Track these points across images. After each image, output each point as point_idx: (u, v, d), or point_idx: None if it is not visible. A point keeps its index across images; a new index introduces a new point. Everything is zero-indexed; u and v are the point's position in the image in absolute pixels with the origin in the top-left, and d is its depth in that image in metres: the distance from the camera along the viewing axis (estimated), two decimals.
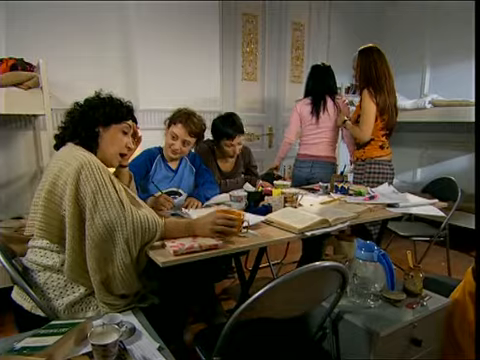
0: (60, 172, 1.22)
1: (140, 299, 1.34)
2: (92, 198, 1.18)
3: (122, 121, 1.42)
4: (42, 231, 1.24)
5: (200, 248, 1.24)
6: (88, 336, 0.93)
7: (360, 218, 1.68)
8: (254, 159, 2.55)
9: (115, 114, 1.40)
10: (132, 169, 2.00)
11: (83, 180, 1.19)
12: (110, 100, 1.43)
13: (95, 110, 1.37)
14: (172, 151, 2.02)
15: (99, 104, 1.39)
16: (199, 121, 2.05)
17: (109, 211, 1.19)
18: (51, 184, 1.23)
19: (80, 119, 1.37)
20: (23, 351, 0.97)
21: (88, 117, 1.36)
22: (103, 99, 1.43)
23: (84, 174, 1.19)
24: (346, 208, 1.80)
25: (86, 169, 1.20)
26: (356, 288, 1.33)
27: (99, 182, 1.20)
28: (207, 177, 2.15)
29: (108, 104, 1.40)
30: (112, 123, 1.40)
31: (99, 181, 1.20)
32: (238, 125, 2.29)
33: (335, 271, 1.10)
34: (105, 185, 1.20)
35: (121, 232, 1.19)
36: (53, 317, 1.23)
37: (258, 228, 1.54)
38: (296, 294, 1.08)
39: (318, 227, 1.52)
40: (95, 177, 1.20)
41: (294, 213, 1.65)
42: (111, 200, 1.19)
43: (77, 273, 1.23)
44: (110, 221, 1.18)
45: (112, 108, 1.40)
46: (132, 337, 1.10)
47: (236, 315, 0.99)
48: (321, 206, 1.84)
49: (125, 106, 1.46)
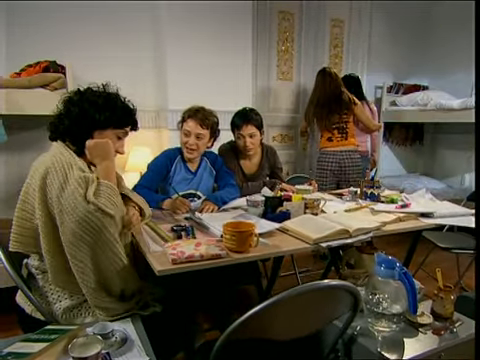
0: (31, 179, 1.19)
1: (142, 306, 1.28)
2: (57, 201, 1.12)
3: (122, 127, 1.34)
4: (17, 243, 1.21)
5: (201, 257, 1.16)
6: (69, 347, 0.89)
7: (386, 229, 1.52)
8: (280, 161, 2.44)
9: (117, 119, 1.31)
10: (152, 169, 1.99)
11: (49, 185, 1.14)
12: (115, 101, 1.31)
13: (97, 111, 1.26)
14: (188, 149, 1.96)
15: (103, 105, 1.28)
16: (209, 113, 1.98)
17: (76, 209, 1.10)
18: (24, 193, 1.19)
19: (78, 118, 1.26)
20: (8, 357, 0.94)
21: (88, 118, 1.26)
22: (109, 99, 1.31)
23: (49, 179, 1.14)
24: (373, 217, 1.65)
25: (51, 173, 1.15)
26: (374, 308, 1.19)
27: (62, 182, 1.13)
28: (227, 180, 2.08)
29: (113, 107, 1.29)
30: (110, 127, 1.31)
31: (62, 181, 1.13)
32: (247, 115, 2.18)
33: (344, 291, 0.98)
34: (68, 183, 1.13)
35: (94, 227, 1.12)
36: (52, 321, 1.21)
37: (271, 236, 1.44)
38: (299, 314, 0.98)
39: (336, 238, 1.39)
40: (58, 179, 1.14)
41: (313, 221, 1.54)
42: (75, 197, 1.11)
43: (62, 281, 1.20)
44: (80, 219, 1.10)
45: (115, 112, 1.29)
46: (123, 348, 1.05)
47: (227, 334, 0.91)
48: (345, 214, 1.70)
49: (128, 111, 1.36)
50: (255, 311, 0.88)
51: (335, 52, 4.12)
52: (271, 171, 2.41)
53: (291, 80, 3.90)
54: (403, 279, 1.12)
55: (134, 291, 1.28)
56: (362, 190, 2.01)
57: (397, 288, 1.16)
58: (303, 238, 1.39)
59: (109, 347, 1.03)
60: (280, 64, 3.82)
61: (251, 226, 1.28)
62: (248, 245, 1.24)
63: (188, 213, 1.70)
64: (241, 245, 1.24)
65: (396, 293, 1.17)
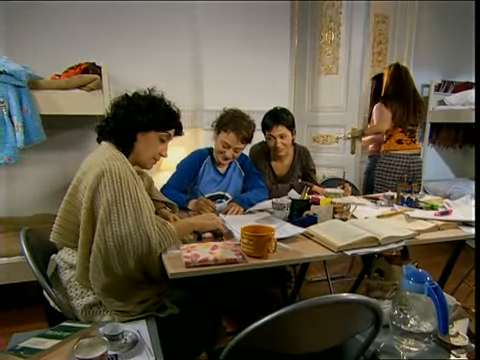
0: (83, 176, 1.22)
1: (159, 308, 1.27)
2: (106, 208, 1.15)
3: (164, 130, 1.37)
4: (57, 234, 1.24)
5: (215, 262, 1.13)
6: (74, 348, 0.89)
7: (421, 238, 1.41)
8: (313, 162, 2.35)
9: (159, 122, 1.34)
10: (181, 170, 1.99)
11: (101, 188, 1.16)
12: (158, 104, 1.35)
13: (140, 114, 1.31)
14: (223, 158, 1.95)
15: (146, 107, 1.32)
16: (249, 123, 1.94)
17: (121, 225, 1.15)
18: (74, 188, 1.23)
19: (123, 120, 1.32)
20: (20, 352, 0.96)
21: (131, 120, 1.31)
22: (153, 102, 1.35)
23: (103, 182, 1.16)
24: (407, 224, 1.53)
25: (106, 177, 1.16)
26: (400, 325, 1.09)
27: (117, 193, 1.16)
28: (256, 181, 2.03)
29: (155, 109, 1.33)
30: (153, 129, 1.35)
31: (117, 192, 1.16)
32: (278, 115, 2.12)
33: (364, 306, 0.90)
34: (122, 197, 1.16)
35: (131, 247, 1.16)
36: (71, 317, 1.23)
37: (294, 241, 1.38)
38: (313, 327, 0.92)
39: (363, 246, 1.30)
40: (113, 187, 1.16)
41: (340, 227, 1.45)
42: (125, 214, 1.16)
43: (86, 279, 1.21)
44: (121, 236, 1.15)
45: (157, 115, 1.33)
46: (133, 350, 1.04)
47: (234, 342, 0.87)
48: (376, 220, 1.59)
49: (171, 114, 1.40)
50: (263, 322, 0.84)
51: (378, 49, 3.94)
52: (303, 173, 2.33)
53: (336, 74, 3.69)
54: (432, 295, 1.01)
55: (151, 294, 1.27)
56: (399, 195, 1.88)
57: (427, 304, 1.06)
58: (327, 245, 1.32)
59: (119, 348, 1.02)
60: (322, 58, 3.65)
61: (270, 230, 1.22)
62: (266, 250, 1.19)
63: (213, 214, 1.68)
64: (259, 250, 1.19)
65: (426, 310, 1.06)
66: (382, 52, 3.95)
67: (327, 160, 3.51)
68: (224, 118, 1.95)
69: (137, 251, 1.18)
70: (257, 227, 1.27)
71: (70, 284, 1.27)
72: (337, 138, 3.50)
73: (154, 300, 1.28)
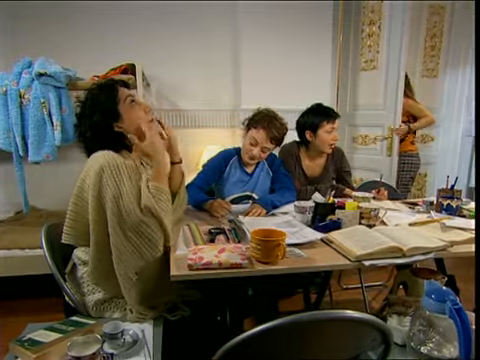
0: (85, 175, 1.22)
1: (170, 309, 1.26)
2: (113, 202, 1.15)
3: (119, 97, 1.29)
4: (68, 235, 1.26)
5: (219, 265, 1.09)
6: (68, 345, 0.89)
7: (454, 250, 1.26)
8: (348, 164, 2.23)
9: (107, 99, 1.27)
10: (206, 170, 1.97)
11: (104, 184, 1.16)
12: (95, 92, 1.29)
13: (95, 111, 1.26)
14: (250, 157, 1.91)
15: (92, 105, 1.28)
16: (281, 125, 1.89)
17: (131, 216, 1.15)
18: (78, 188, 1.23)
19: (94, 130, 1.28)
20: (25, 343, 0.99)
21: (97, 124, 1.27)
22: (92, 91, 1.30)
23: (105, 178, 1.16)
24: (442, 234, 1.39)
25: (106, 172, 1.16)
26: (419, 346, 0.98)
27: (119, 185, 1.16)
28: (284, 182, 1.96)
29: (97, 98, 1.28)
30: (115, 108, 1.28)
31: (119, 184, 1.16)
32: (331, 109, 2.11)
33: (368, 325, 0.82)
34: (124, 188, 1.16)
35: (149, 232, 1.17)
36: (84, 312, 1.26)
37: (312, 247, 1.31)
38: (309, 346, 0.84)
39: (384, 256, 1.20)
40: (114, 180, 1.16)
41: (364, 234, 1.35)
42: (131, 205, 1.15)
43: (97, 278, 1.23)
44: (134, 225, 1.15)
45: (100, 95, 1.27)
46: (131, 350, 1.03)
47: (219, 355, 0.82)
48: (407, 228, 1.46)
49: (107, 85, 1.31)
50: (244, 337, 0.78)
51: (432, 43, 3.65)
52: (337, 174, 2.22)
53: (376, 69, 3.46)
54: (454, 316, 0.90)
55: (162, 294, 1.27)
56: (438, 200, 1.72)
57: (450, 326, 0.94)
58: (345, 253, 1.23)
59: (118, 347, 1.02)
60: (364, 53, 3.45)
61: (281, 235, 1.16)
62: (275, 256, 1.13)
63: (231, 215, 1.65)
64: (267, 255, 1.13)
65: (449, 332, 0.95)
66: (436, 46, 3.65)
67: (366, 162, 3.35)
68: (256, 116, 1.91)
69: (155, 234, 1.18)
70: (269, 231, 1.21)
71: (83, 280, 1.30)
72: (375, 138, 3.29)
73: (165, 299, 1.27)
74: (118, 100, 1.29)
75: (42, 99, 2.07)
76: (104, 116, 1.26)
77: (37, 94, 2.06)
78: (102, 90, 1.30)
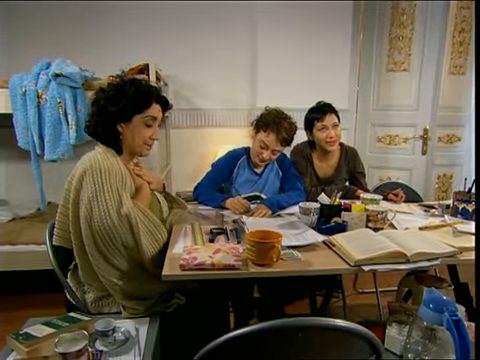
0: (72, 178, 1.23)
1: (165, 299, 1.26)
2: (87, 204, 1.15)
3: (144, 109, 1.28)
4: (59, 237, 1.28)
5: (212, 266, 1.08)
6: (55, 341, 0.91)
7: (463, 257, 1.19)
8: (362, 165, 2.16)
9: (134, 105, 1.25)
10: (215, 170, 1.97)
11: (84, 186, 1.17)
12: (127, 89, 1.25)
13: (112, 104, 1.24)
14: (260, 160, 1.89)
15: (115, 95, 1.24)
16: (290, 125, 1.85)
17: (104, 219, 1.14)
18: (66, 191, 1.24)
19: (98, 116, 1.27)
20: (19, 337, 1.02)
21: (106, 113, 1.25)
22: (120, 88, 1.26)
23: (85, 180, 1.17)
24: (452, 239, 1.32)
25: (88, 175, 1.17)
26: (415, 358, 0.93)
27: (97, 188, 1.15)
28: (293, 183, 1.93)
29: (125, 95, 1.25)
30: (134, 115, 1.27)
31: (97, 187, 1.15)
32: (327, 105, 2.01)
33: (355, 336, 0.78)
34: (102, 190, 1.15)
35: (118, 239, 1.16)
36: (83, 308, 1.28)
37: (313, 250, 1.27)
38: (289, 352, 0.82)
39: (386, 261, 1.15)
40: (94, 183, 1.15)
41: (367, 237, 1.30)
42: (106, 208, 1.14)
43: (86, 278, 1.25)
44: (105, 229, 1.14)
45: (129, 100, 1.24)
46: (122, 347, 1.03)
47: None
48: (417, 232, 1.39)
49: (145, 93, 1.28)
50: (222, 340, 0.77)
51: (460, 39, 3.49)
52: (350, 175, 2.16)
53: (408, 70, 3.35)
54: (451, 329, 0.84)
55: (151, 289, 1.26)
56: (454, 203, 1.63)
57: (448, 338, 0.88)
58: (345, 257, 1.19)
59: (109, 345, 1.03)
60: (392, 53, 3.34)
61: (276, 237, 1.13)
62: (270, 258, 1.11)
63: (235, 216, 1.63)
64: (261, 258, 1.11)
65: (447, 345, 0.90)
66: (464, 42, 3.48)
67: (395, 162, 3.31)
68: (265, 117, 1.87)
69: (124, 242, 1.17)
70: (264, 233, 1.18)
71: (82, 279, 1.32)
72: (406, 138, 3.24)
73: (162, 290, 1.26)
74: (140, 110, 1.28)
75: (58, 99, 2.12)
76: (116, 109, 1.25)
77: (53, 94, 2.11)
78: (137, 89, 1.27)
